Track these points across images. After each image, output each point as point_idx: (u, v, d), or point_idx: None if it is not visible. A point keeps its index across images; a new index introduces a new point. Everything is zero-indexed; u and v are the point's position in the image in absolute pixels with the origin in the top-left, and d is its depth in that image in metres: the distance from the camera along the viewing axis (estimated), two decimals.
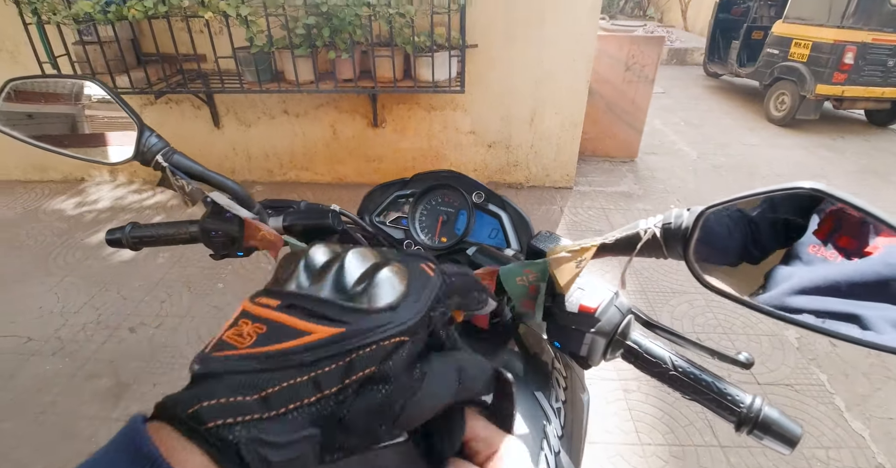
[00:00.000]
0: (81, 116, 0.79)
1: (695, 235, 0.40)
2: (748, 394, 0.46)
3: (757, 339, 2.14)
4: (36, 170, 3.62)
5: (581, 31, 2.98)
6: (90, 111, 0.78)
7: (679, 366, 0.47)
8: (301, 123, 3.35)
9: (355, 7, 2.50)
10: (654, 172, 3.82)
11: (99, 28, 2.67)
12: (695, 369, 0.47)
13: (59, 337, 2.16)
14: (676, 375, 0.47)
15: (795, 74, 4.83)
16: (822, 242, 0.43)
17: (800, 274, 0.43)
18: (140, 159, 0.64)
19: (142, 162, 0.64)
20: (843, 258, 0.41)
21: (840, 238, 0.42)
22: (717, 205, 0.39)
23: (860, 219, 0.40)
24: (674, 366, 0.47)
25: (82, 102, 0.79)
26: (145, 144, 0.63)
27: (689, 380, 0.47)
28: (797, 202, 0.43)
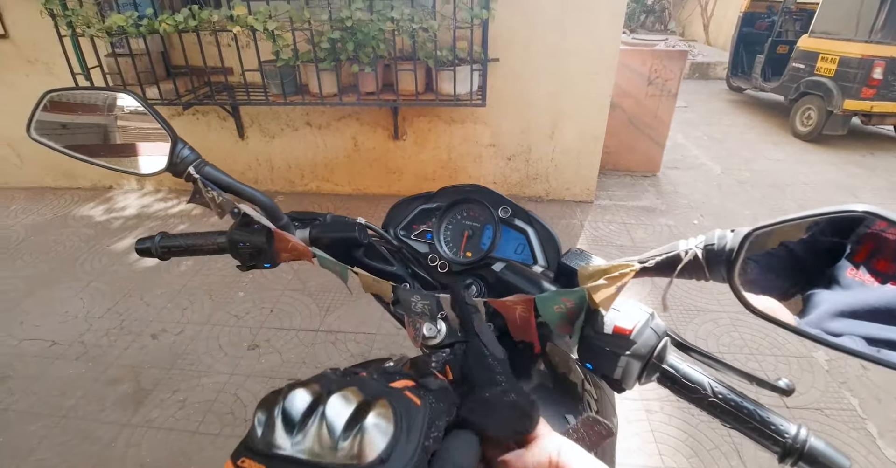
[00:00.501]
0: (114, 127, 0.80)
1: (740, 258, 0.38)
2: (792, 423, 0.44)
3: (785, 361, 2.07)
4: (66, 177, 3.72)
5: (603, 45, 2.97)
6: (122, 122, 0.79)
7: (719, 393, 0.45)
8: (323, 135, 3.40)
9: (379, 22, 2.53)
10: (677, 187, 3.76)
11: (131, 41, 2.76)
12: (735, 396, 0.45)
13: (82, 341, 2.19)
14: (716, 402, 0.45)
15: (822, 89, 4.75)
16: (861, 266, 0.41)
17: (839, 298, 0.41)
18: (172, 171, 0.64)
19: (173, 173, 0.65)
20: (879, 282, 0.40)
21: (878, 262, 0.41)
22: (764, 227, 0.38)
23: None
24: (713, 392, 0.45)
25: (115, 113, 0.80)
26: (178, 156, 0.64)
27: (730, 407, 0.45)
28: (836, 224, 0.41)
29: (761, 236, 0.38)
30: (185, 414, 1.83)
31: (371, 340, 2.17)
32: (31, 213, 3.38)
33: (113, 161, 0.72)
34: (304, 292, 2.49)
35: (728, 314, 2.32)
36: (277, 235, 0.65)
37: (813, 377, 2.00)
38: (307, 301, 2.43)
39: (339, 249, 0.72)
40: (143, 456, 1.67)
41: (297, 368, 2.02)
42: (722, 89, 7.06)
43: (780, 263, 0.44)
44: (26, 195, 3.63)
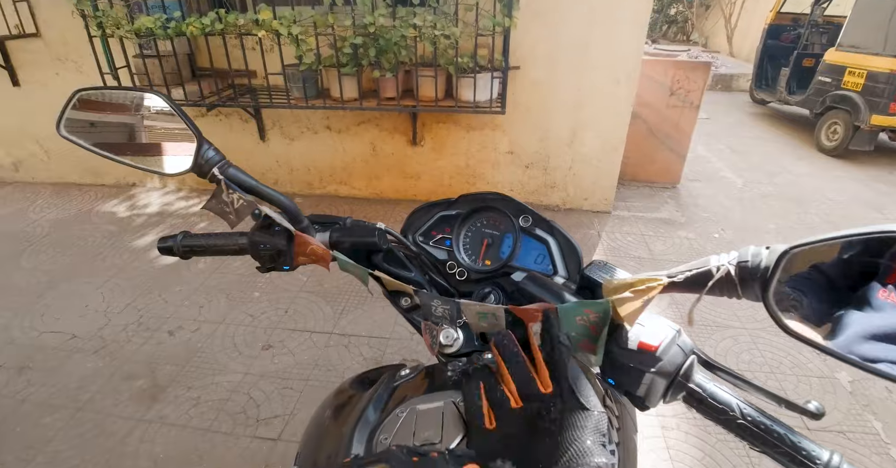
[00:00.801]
0: (141, 127, 0.81)
1: (776, 276, 0.37)
2: (825, 449, 0.42)
3: (807, 381, 2.01)
4: (91, 174, 3.80)
5: (625, 55, 2.95)
6: (149, 122, 0.81)
7: (748, 415, 0.43)
8: (342, 139, 3.42)
9: (402, 28, 2.55)
10: (697, 200, 3.71)
11: (158, 42, 2.82)
12: (766, 419, 0.43)
13: (101, 336, 2.23)
14: (745, 424, 0.43)
15: (849, 104, 4.65)
16: (892, 287, 0.39)
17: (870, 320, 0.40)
18: (197, 171, 0.65)
19: (198, 174, 0.65)
20: None
21: None
22: (801, 245, 0.36)
23: None
24: (742, 413, 0.44)
25: (142, 113, 0.81)
26: (203, 157, 0.64)
27: (760, 430, 0.43)
28: (868, 244, 0.40)
29: (797, 255, 0.37)
30: (199, 411, 1.84)
31: (384, 345, 2.17)
32: (56, 208, 3.45)
33: (139, 160, 0.73)
34: (319, 294, 2.50)
35: (748, 331, 2.26)
36: (298, 238, 0.66)
37: (835, 398, 1.94)
38: (321, 303, 2.44)
39: (358, 254, 0.72)
40: (157, 452, 1.68)
41: (309, 371, 2.03)
42: (745, 101, 6.97)
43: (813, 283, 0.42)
44: (52, 190, 3.72)
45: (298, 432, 1.75)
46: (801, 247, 0.36)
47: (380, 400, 0.60)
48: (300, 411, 1.84)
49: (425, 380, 0.64)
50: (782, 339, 2.22)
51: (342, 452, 0.51)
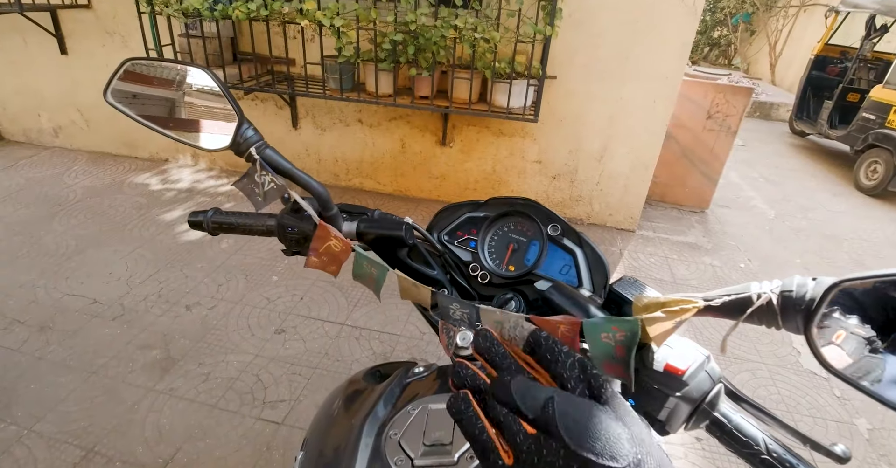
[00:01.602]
0: (182, 102, 0.83)
1: (821, 309, 0.35)
2: None
3: (823, 424, 1.95)
4: (126, 146, 3.90)
5: (666, 73, 2.91)
6: (193, 100, 0.82)
7: (774, 451, 0.42)
8: (373, 134, 3.45)
9: (442, 29, 2.56)
10: (726, 227, 3.63)
11: (204, 24, 2.88)
12: (792, 457, 0.42)
13: (121, 304, 2.28)
14: (769, 460, 0.42)
15: (892, 143, 4.51)
16: None
17: None
18: (235, 149, 0.65)
19: (236, 152, 0.66)
20: None
21: None
22: (852, 279, 0.35)
23: None
24: (768, 449, 0.42)
25: (184, 90, 0.83)
26: (242, 136, 0.65)
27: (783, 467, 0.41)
28: None
29: (850, 289, 0.35)
30: (208, 387, 1.87)
31: (395, 341, 2.17)
32: (91, 175, 3.55)
33: (179, 133, 0.74)
34: (335, 285, 2.51)
35: (767, 366, 2.20)
36: (320, 230, 0.65)
37: (852, 444, 1.88)
38: (337, 294, 2.45)
39: (383, 247, 0.72)
40: (163, 423, 1.71)
41: (319, 359, 2.04)
42: (784, 132, 6.81)
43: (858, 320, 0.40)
44: (88, 158, 3.83)
45: (302, 419, 1.76)
46: (852, 281, 0.34)
47: (391, 395, 0.59)
48: (306, 398, 1.85)
49: (437, 380, 0.63)
50: (801, 378, 2.15)
51: (351, 444, 0.51)
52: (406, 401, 0.57)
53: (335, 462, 0.51)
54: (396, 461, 0.47)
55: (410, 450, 0.48)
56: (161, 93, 0.84)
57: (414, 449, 0.48)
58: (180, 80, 0.82)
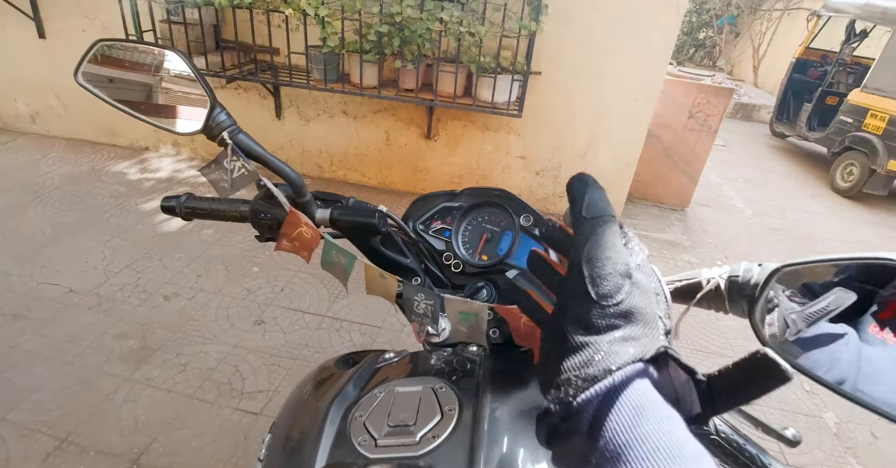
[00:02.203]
0: (158, 88, 0.82)
1: (765, 293, 0.37)
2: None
3: (792, 417, 2.01)
4: (105, 133, 3.82)
5: (649, 72, 2.94)
6: (166, 84, 0.81)
7: (723, 432, 0.44)
8: (358, 126, 3.43)
9: (428, 21, 2.55)
10: (705, 225, 3.69)
11: (186, 10, 2.83)
12: (739, 437, 0.43)
13: (98, 293, 2.24)
14: (719, 441, 0.43)
15: (868, 146, 4.62)
16: (886, 324, 0.39)
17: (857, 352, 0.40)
18: (207, 133, 0.65)
19: (208, 136, 0.65)
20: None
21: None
22: (793, 264, 0.36)
23: None
24: (717, 430, 0.44)
25: (160, 75, 0.82)
26: (214, 120, 0.65)
27: (732, 448, 0.43)
28: (865, 277, 0.40)
29: (788, 274, 0.37)
30: (185, 378, 1.85)
31: (375, 333, 2.17)
32: (68, 163, 3.48)
33: (151, 115, 0.73)
34: (317, 276, 2.51)
35: None
36: (290, 216, 0.65)
37: (819, 438, 1.94)
38: (318, 285, 2.45)
39: (356, 234, 0.72)
40: (139, 412, 1.70)
41: (298, 350, 2.03)
42: (764, 133, 6.93)
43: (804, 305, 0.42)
44: (66, 145, 3.75)
45: None
46: (793, 266, 0.36)
47: (360, 379, 0.60)
48: (285, 389, 1.85)
49: (409, 365, 0.64)
50: None
51: (317, 426, 0.52)
52: (375, 384, 0.58)
53: (301, 443, 0.52)
54: (360, 441, 0.48)
55: (375, 430, 0.49)
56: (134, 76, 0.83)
57: (378, 429, 0.49)
58: (153, 64, 0.81)
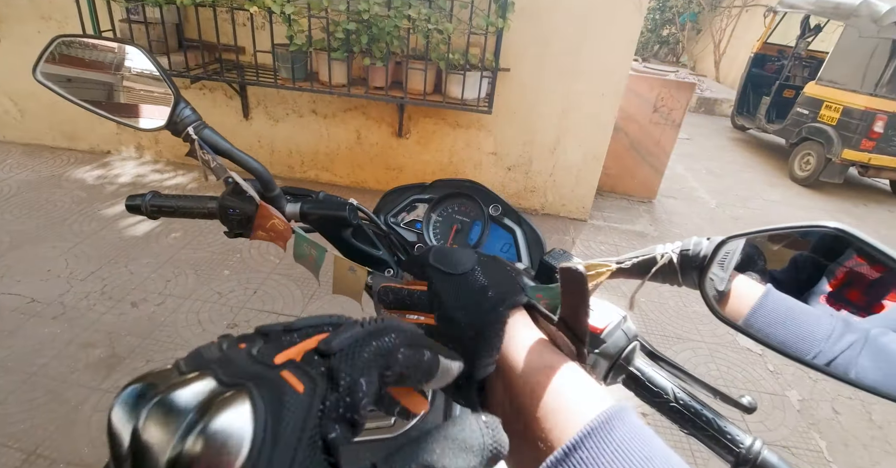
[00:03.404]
0: (120, 86, 0.80)
1: (712, 265, 0.39)
2: (748, 434, 0.45)
3: (758, 396, 2.09)
4: (65, 138, 3.69)
5: (614, 67, 3.01)
6: (129, 83, 0.80)
7: (680, 399, 0.46)
8: (328, 125, 3.40)
9: (396, 19, 2.55)
10: (671, 216, 3.80)
11: (147, 9, 2.76)
12: (696, 403, 0.46)
13: (62, 302, 2.17)
14: (677, 407, 0.46)
15: (823, 136, 4.83)
16: (833, 295, 0.42)
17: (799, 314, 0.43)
18: (171, 129, 0.65)
19: (173, 132, 0.65)
20: (848, 312, 0.41)
21: (851, 292, 0.42)
22: (738, 235, 0.39)
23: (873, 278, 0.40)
24: (675, 397, 0.46)
25: (122, 73, 0.80)
26: (178, 115, 0.64)
27: (689, 413, 0.45)
28: (817, 250, 0.43)
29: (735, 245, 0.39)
30: None
31: None
32: (26, 169, 3.35)
33: (114, 112, 0.72)
34: (291, 277, 2.48)
35: (707, 344, 2.34)
36: (261, 209, 0.65)
37: (784, 415, 2.02)
38: (292, 286, 2.43)
39: (327, 228, 0.72)
40: None
41: None
42: (726, 126, 7.16)
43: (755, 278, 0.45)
44: (23, 151, 3.60)
45: None
46: (737, 237, 0.38)
47: None
48: None
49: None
50: (738, 355, 2.30)
51: None
52: None
53: None
54: None
55: None
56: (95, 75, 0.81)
57: None
58: (114, 60, 0.79)
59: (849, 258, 0.41)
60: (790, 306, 0.40)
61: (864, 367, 0.38)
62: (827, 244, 0.41)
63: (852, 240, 0.35)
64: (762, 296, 0.40)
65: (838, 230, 0.35)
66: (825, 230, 0.36)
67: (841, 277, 0.42)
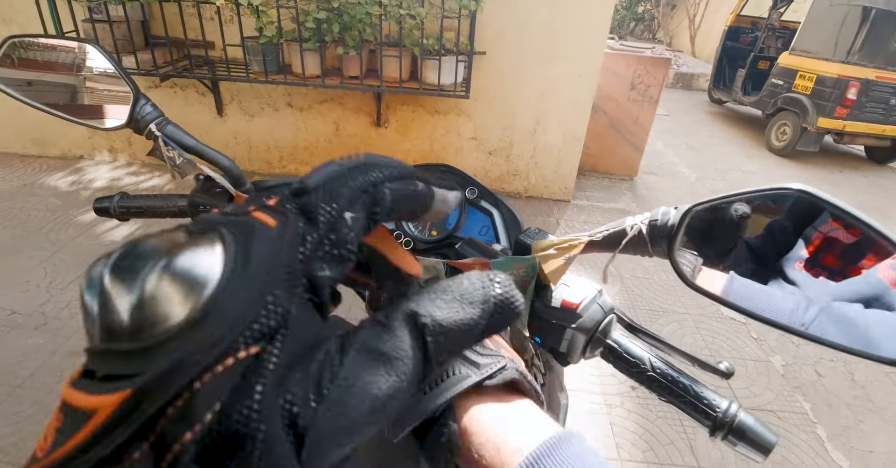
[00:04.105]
0: (81, 87, 0.78)
1: (680, 233, 0.39)
2: (724, 399, 0.45)
3: (743, 363, 2.13)
4: (35, 145, 3.60)
5: (589, 47, 3.00)
6: (90, 83, 0.78)
7: (657, 368, 0.47)
8: (305, 117, 3.36)
9: (367, 5, 2.51)
10: (653, 192, 3.83)
11: (110, 7, 2.67)
12: (673, 371, 0.47)
13: (43, 312, 2.13)
14: (654, 376, 0.46)
15: (798, 106, 4.88)
16: (809, 260, 0.43)
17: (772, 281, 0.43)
18: (133, 127, 0.63)
19: (135, 130, 0.63)
20: (825, 277, 0.42)
21: (826, 257, 0.42)
22: (703, 203, 0.39)
23: (848, 242, 0.41)
24: (652, 367, 0.47)
25: (83, 74, 0.78)
26: (139, 112, 0.63)
27: (667, 381, 0.46)
28: (789, 215, 0.43)
29: (702, 212, 0.39)
30: None
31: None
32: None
33: (74, 112, 0.70)
34: None
35: (692, 316, 2.38)
36: (238, 200, 0.65)
37: (768, 380, 2.07)
38: None
39: None
40: None
41: None
42: (704, 101, 7.21)
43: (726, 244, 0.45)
44: None
45: None
46: (703, 204, 0.39)
47: None
48: None
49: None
50: (722, 324, 2.34)
51: None
52: None
53: None
54: None
55: None
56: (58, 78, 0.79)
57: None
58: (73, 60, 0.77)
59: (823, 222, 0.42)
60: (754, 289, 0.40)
61: (832, 331, 0.39)
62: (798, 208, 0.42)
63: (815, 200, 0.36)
64: (731, 274, 0.41)
65: (801, 191, 0.36)
66: (788, 192, 0.36)
67: (816, 242, 0.43)
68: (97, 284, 0.16)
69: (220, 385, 0.14)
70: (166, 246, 0.16)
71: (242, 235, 0.16)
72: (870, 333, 0.38)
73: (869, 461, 1.76)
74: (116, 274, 0.16)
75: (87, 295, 0.16)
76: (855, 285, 0.40)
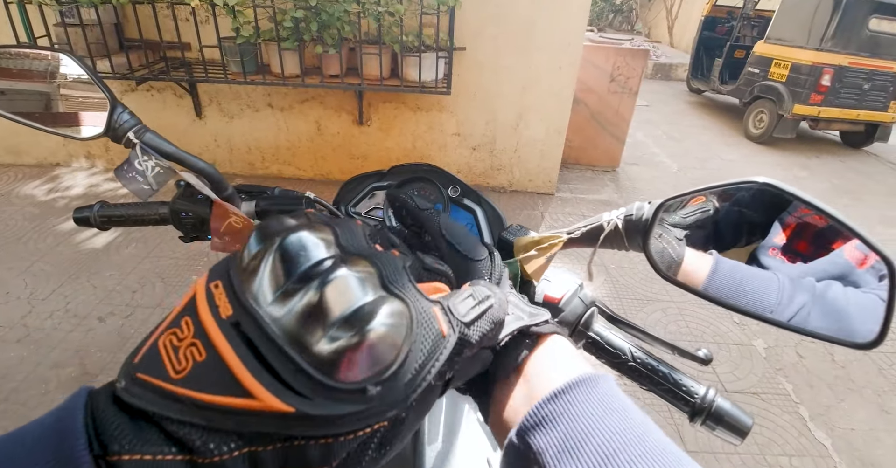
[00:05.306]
0: (56, 95, 0.77)
1: (654, 226, 0.41)
2: (702, 385, 0.47)
3: (726, 348, 2.18)
4: (9, 153, 3.52)
5: (568, 39, 3.02)
6: (66, 91, 0.76)
7: (638, 357, 0.48)
8: (286, 118, 3.33)
9: (344, 3, 2.49)
10: (635, 183, 3.88)
11: (82, 10, 2.62)
12: (653, 360, 0.48)
13: (25, 324, 2.10)
14: (635, 366, 0.48)
15: (774, 94, 4.97)
16: (784, 247, 0.44)
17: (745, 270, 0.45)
18: (111, 136, 0.63)
19: (112, 138, 0.63)
20: (798, 262, 0.43)
21: (800, 243, 0.44)
22: (674, 197, 0.40)
23: (819, 228, 0.42)
24: (633, 357, 0.48)
25: (57, 81, 0.77)
26: (117, 121, 0.62)
27: (647, 370, 0.48)
28: (762, 206, 0.45)
29: (674, 206, 0.41)
30: None
31: None
32: None
33: (49, 123, 0.69)
34: None
35: (676, 304, 2.42)
36: (217, 208, 0.64)
37: (751, 363, 2.12)
38: None
39: None
40: None
41: None
42: (682, 90, 7.29)
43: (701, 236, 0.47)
44: None
45: None
46: (674, 198, 0.40)
47: None
48: None
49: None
50: (706, 311, 2.39)
51: None
52: None
53: None
54: None
55: None
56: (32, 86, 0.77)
57: None
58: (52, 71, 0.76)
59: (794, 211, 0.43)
60: (740, 272, 0.42)
61: (817, 321, 0.40)
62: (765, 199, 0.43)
63: (779, 192, 0.37)
64: (712, 266, 0.42)
65: (765, 184, 0.37)
66: (754, 185, 0.37)
67: (791, 228, 0.44)
68: (319, 263, 0.20)
69: (352, 445, 0.18)
70: (376, 303, 0.19)
71: (426, 322, 0.20)
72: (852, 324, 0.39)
73: (851, 438, 1.81)
74: (336, 294, 0.19)
75: (302, 255, 0.20)
76: (823, 265, 0.42)
